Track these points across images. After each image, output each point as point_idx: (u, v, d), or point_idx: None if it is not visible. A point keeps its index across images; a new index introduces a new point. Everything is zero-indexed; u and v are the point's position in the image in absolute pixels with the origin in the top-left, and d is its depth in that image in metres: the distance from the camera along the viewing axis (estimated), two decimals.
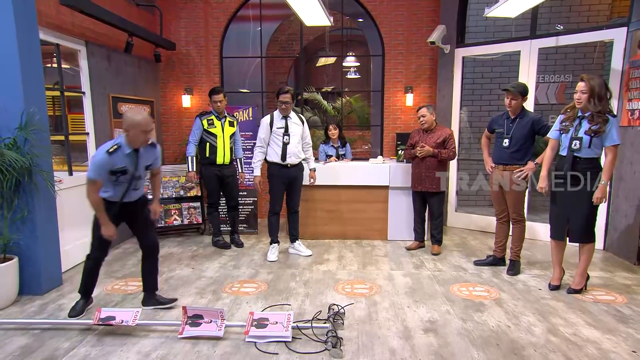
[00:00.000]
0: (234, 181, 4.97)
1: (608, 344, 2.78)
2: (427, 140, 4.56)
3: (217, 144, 4.75)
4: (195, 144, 4.79)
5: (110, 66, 4.94)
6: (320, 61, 10.14)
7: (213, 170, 4.79)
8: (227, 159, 4.82)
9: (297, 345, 2.78)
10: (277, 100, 4.47)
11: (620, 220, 4.52)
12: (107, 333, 2.95)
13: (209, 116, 4.79)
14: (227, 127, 4.84)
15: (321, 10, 4.39)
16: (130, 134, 2.97)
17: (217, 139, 4.76)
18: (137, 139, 3.00)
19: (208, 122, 4.76)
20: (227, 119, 4.86)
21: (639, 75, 4.23)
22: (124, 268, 4.30)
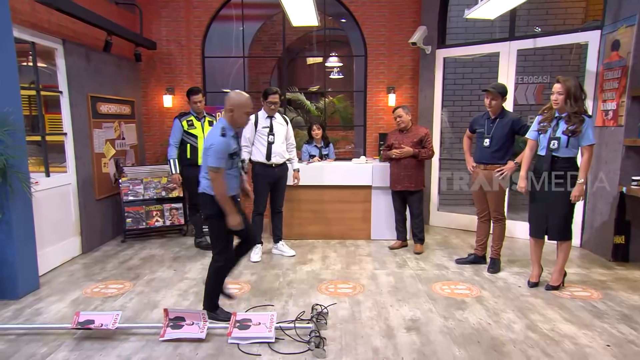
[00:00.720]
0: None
1: (584, 339, 2.85)
2: (404, 140, 4.62)
3: (198, 144, 4.68)
4: (176, 146, 4.72)
5: (88, 65, 4.84)
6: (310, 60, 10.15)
7: (194, 172, 4.71)
8: None
9: (280, 345, 2.78)
10: (264, 101, 4.46)
11: (596, 218, 4.64)
12: (86, 337, 2.89)
13: (188, 117, 4.75)
14: (207, 127, 4.78)
15: (313, 10, 4.39)
16: (235, 114, 2.96)
17: (198, 139, 4.71)
18: (240, 119, 3.01)
19: (188, 123, 4.72)
20: (206, 119, 4.83)
21: (613, 77, 4.35)
22: (104, 271, 4.22)
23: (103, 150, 5.14)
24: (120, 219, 5.29)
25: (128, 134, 5.73)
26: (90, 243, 4.88)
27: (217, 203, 2.93)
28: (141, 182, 5.33)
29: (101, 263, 4.46)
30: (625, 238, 4.24)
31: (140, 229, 5.29)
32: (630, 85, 4.13)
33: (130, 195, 5.26)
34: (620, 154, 4.25)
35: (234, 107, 2.94)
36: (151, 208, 5.33)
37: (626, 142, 4.19)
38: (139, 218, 5.26)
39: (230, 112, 2.95)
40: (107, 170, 5.24)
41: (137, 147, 6.00)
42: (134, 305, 3.41)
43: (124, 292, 3.68)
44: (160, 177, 5.44)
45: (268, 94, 4.41)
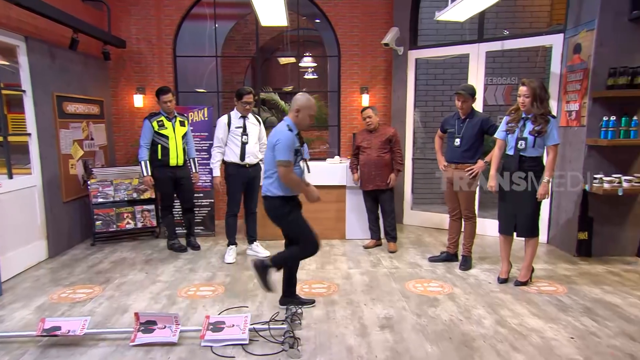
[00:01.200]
0: (189, 183, 4.85)
1: (550, 332, 2.95)
2: (372, 140, 4.69)
3: (170, 145, 4.61)
4: (147, 147, 4.60)
5: (54, 63, 4.69)
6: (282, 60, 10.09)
7: (166, 172, 4.65)
8: (180, 160, 4.70)
9: (255, 347, 2.76)
10: (238, 101, 4.42)
11: (561, 215, 4.80)
12: (52, 344, 2.80)
13: (158, 117, 4.62)
14: (179, 127, 4.70)
15: (283, 10, 4.37)
16: (300, 115, 3.02)
17: (169, 140, 4.62)
18: (304, 121, 3.06)
19: (158, 124, 4.59)
20: (177, 119, 4.72)
21: (575, 79, 4.51)
22: (72, 275, 4.10)
23: (70, 151, 4.98)
24: (89, 222, 5.15)
25: (97, 134, 5.57)
26: (58, 247, 4.72)
27: (283, 201, 3.03)
28: (111, 183, 5.20)
29: (69, 267, 4.33)
30: (588, 234, 4.40)
31: (110, 231, 5.16)
32: (591, 87, 4.29)
33: (100, 197, 5.12)
34: (583, 153, 4.41)
35: (300, 108, 3.01)
36: (122, 210, 5.20)
37: (588, 142, 4.35)
38: (109, 220, 5.13)
39: (297, 113, 3.03)
40: (75, 171, 5.08)
41: (106, 148, 5.84)
42: (104, 310, 3.33)
43: (93, 297, 3.59)
44: (132, 179, 5.31)
45: (242, 94, 4.38)
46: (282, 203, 3.06)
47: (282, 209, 3.08)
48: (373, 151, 4.66)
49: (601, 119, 4.24)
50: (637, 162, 4.42)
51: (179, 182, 4.75)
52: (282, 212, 3.08)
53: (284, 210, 3.07)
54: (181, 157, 4.70)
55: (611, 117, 4.17)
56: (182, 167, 4.76)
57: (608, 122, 4.17)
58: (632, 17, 4.14)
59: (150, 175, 4.66)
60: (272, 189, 3.07)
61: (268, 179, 3.09)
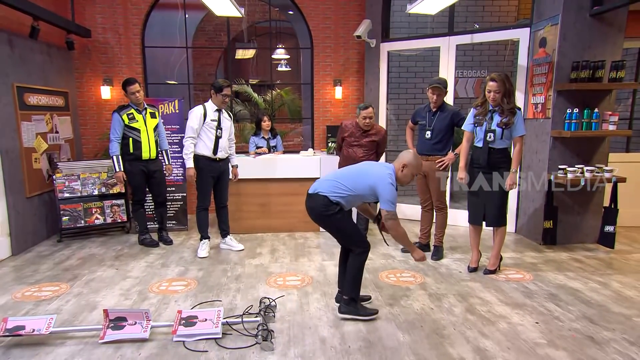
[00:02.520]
0: (161, 176, 4.77)
1: (516, 318, 3.05)
2: (362, 139, 4.40)
3: (142, 138, 4.52)
4: (118, 141, 4.48)
5: (13, 53, 4.48)
6: (238, 53, 9.90)
7: (138, 166, 4.57)
8: (152, 153, 4.62)
9: (228, 341, 2.75)
10: (218, 94, 4.29)
11: (528, 205, 4.96)
12: (15, 344, 2.72)
13: (128, 110, 4.49)
14: (150, 119, 4.60)
15: (229, 2, 4.33)
16: (405, 171, 2.99)
17: (141, 133, 4.52)
18: (407, 178, 3.03)
19: (129, 117, 4.47)
20: (147, 110, 4.61)
21: (541, 72, 4.64)
22: (37, 273, 3.97)
23: (33, 144, 4.80)
24: (55, 218, 4.98)
25: (62, 127, 5.38)
26: (22, 244, 4.56)
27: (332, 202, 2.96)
28: (78, 177, 5.04)
29: (34, 265, 4.19)
30: (553, 223, 4.55)
31: (78, 227, 5.01)
32: (555, 80, 4.43)
33: (66, 192, 4.96)
34: (548, 145, 4.56)
35: (408, 164, 2.98)
36: (90, 205, 5.06)
37: (553, 134, 4.50)
38: (76, 216, 4.97)
39: (403, 168, 2.99)
40: (40, 165, 4.90)
41: (73, 141, 5.65)
42: (71, 308, 3.24)
43: (59, 295, 3.49)
44: (100, 173, 5.17)
45: (222, 87, 4.28)
46: (330, 203, 2.96)
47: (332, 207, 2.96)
48: (359, 150, 4.41)
49: (565, 111, 4.38)
50: (598, 152, 4.61)
51: (152, 175, 4.66)
52: (332, 211, 2.96)
53: (333, 209, 2.96)
54: (154, 150, 4.62)
55: (574, 109, 4.32)
56: (155, 160, 4.67)
57: (572, 115, 4.32)
58: (593, 13, 4.29)
59: (122, 169, 4.55)
60: (333, 196, 2.96)
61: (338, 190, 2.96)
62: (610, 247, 4.42)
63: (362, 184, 2.97)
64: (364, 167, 3.08)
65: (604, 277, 3.81)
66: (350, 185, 2.97)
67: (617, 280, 3.75)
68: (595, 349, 2.65)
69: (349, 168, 3.16)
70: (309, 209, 3.06)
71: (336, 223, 3.02)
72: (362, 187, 2.97)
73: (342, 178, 3.02)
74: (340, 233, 3.10)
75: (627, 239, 4.96)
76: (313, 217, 3.08)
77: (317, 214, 3.02)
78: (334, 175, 3.09)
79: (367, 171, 3.01)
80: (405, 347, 2.68)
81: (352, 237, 3.07)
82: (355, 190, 2.97)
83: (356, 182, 2.98)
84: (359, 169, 3.08)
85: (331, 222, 3.03)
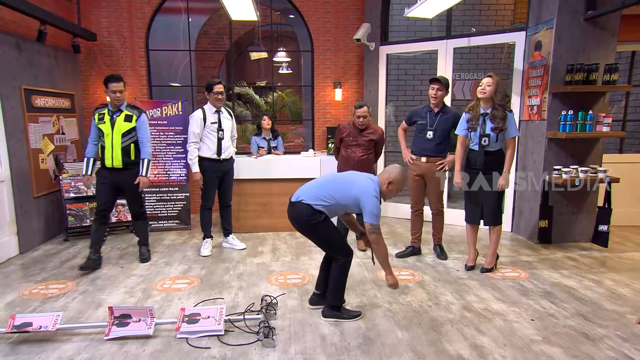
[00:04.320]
0: (132, 187, 4.10)
1: (512, 315, 3.11)
2: (359, 138, 4.39)
3: (106, 143, 4.01)
4: (93, 142, 4.09)
5: (20, 56, 4.58)
6: (253, 55, 10.06)
7: (104, 174, 4.10)
8: (117, 161, 4.01)
9: (230, 338, 2.81)
10: (209, 93, 4.37)
11: (524, 205, 5.03)
12: (22, 341, 2.78)
13: (101, 110, 4.07)
14: (121, 122, 4.02)
15: (250, 4, 4.38)
16: (391, 187, 2.96)
17: (105, 137, 4.01)
18: (392, 194, 3.01)
19: (98, 117, 4.02)
20: (123, 113, 4.04)
21: (536, 74, 4.71)
22: (43, 271, 4.05)
23: (40, 145, 4.89)
24: (61, 217, 5.07)
25: (68, 128, 5.48)
26: (29, 243, 4.64)
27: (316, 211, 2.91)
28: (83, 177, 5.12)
29: (41, 263, 4.27)
30: (548, 222, 4.62)
31: (84, 226, 5.09)
32: (551, 82, 4.50)
33: (72, 192, 5.05)
34: (544, 146, 4.63)
35: (394, 181, 2.95)
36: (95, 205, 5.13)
37: (548, 135, 4.57)
38: (82, 215, 5.06)
39: (389, 185, 2.95)
40: (46, 166, 4.99)
41: (78, 142, 5.75)
42: (77, 305, 3.32)
43: (66, 292, 3.56)
44: None
45: (212, 85, 4.35)
46: (314, 211, 2.94)
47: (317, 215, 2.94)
48: (358, 150, 4.37)
49: (560, 113, 4.45)
50: (592, 153, 4.68)
51: (121, 186, 4.12)
52: (317, 219, 2.94)
53: (319, 217, 2.94)
54: (119, 158, 4.01)
55: (569, 111, 4.39)
56: (123, 170, 4.06)
57: (566, 116, 4.39)
58: (587, 17, 4.36)
59: (91, 174, 4.15)
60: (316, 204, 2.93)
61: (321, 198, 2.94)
62: (604, 246, 4.49)
63: (346, 194, 2.92)
64: (349, 177, 3.04)
65: (597, 275, 3.87)
66: (334, 194, 2.93)
67: (610, 278, 3.82)
68: (589, 345, 2.71)
69: (334, 176, 3.16)
70: (292, 217, 3.02)
71: (320, 232, 2.99)
72: (346, 197, 2.92)
73: (326, 187, 2.98)
74: (324, 242, 3.08)
75: (621, 237, 5.03)
76: (296, 226, 3.04)
77: (301, 223, 2.99)
78: (317, 184, 3.05)
79: (352, 181, 2.97)
80: (403, 343, 2.73)
81: (335, 246, 3.06)
82: (338, 200, 2.93)
83: (340, 192, 2.94)
84: (344, 178, 3.06)
85: (315, 231, 2.99)
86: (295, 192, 3.05)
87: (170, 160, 5.51)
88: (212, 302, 3.36)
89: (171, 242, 5.00)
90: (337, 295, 3.10)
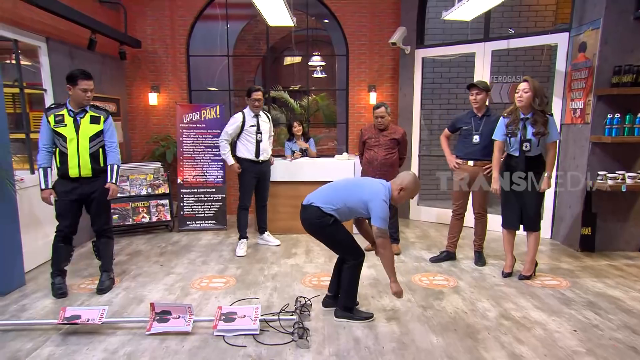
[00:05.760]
0: (100, 199, 3.53)
1: (553, 325, 3.01)
2: (381, 138, 4.43)
3: (68, 149, 3.35)
4: (47, 150, 3.40)
5: (72, 63, 4.84)
6: (287, 60, 10.21)
7: (66, 187, 3.43)
8: (85, 169, 3.43)
9: (265, 337, 2.85)
10: (248, 99, 4.60)
11: (565, 211, 4.86)
12: (72, 332, 2.93)
13: (59, 110, 3.39)
14: (86, 124, 3.42)
15: (286, 11, 4.47)
16: (402, 194, 2.97)
17: (68, 142, 3.35)
18: (402, 200, 3.02)
19: (56, 119, 3.36)
20: (87, 114, 3.45)
21: (580, 77, 4.56)
22: (90, 267, 4.25)
23: None
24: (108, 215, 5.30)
25: None
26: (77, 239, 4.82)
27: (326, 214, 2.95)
28: (127, 178, 5.36)
29: (87, 259, 4.48)
30: (591, 229, 4.45)
31: (126, 225, 5.32)
32: (595, 85, 4.34)
33: None
34: (587, 150, 4.46)
35: (406, 188, 2.95)
36: (138, 204, 5.37)
37: (592, 139, 4.40)
38: (125, 214, 5.30)
39: (400, 190, 2.95)
40: None
41: (123, 145, 6.01)
42: (121, 300, 3.46)
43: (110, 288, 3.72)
44: (146, 174, 5.48)
45: (252, 92, 4.56)
46: (324, 214, 2.97)
47: (327, 217, 2.97)
48: (381, 150, 4.41)
49: (605, 116, 4.28)
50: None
51: (87, 197, 3.50)
52: (328, 222, 2.97)
53: (329, 219, 2.97)
54: (87, 166, 3.43)
55: (616, 114, 4.22)
56: (93, 180, 3.49)
57: (613, 120, 4.22)
58: (637, 16, 4.18)
59: (50, 187, 3.46)
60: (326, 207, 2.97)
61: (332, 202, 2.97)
62: None
63: (356, 197, 2.94)
64: (360, 181, 3.08)
65: None
66: (344, 198, 2.96)
67: None
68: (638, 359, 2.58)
69: (345, 181, 3.17)
70: (303, 220, 3.06)
71: (331, 234, 3.02)
72: (355, 200, 2.94)
73: (337, 191, 3.02)
74: (335, 244, 3.11)
75: None
76: (307, 228, 3.07)
77: (312, 225, 3.03)
78: (328, 188, 3.09)
79: (363, 186, 3.00)
80: (439, 349, 2.69)
81: (346, 248, 3.07)
82: (347, 204, 2.95)
83: (350, 196, 2.96)
84: (355, 182, 3.09)
85: (325, 233, 3.03)
86: (307, 196, 3.11)
87: (208, 162, 5.67)
88: (247, 301, 3.42)
89: (208, 242, 5.13)
90: (349, 296, 3.13)
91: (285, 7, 4.36)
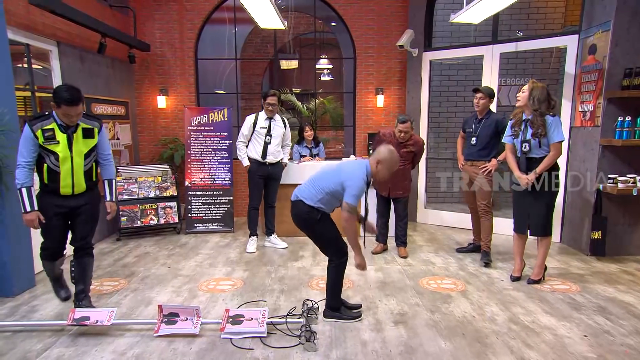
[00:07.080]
0: (89, 212, 3.24)
1: (563, 330, 2.98)
2: (399, 149, 4.22)
3: (61, 167, 3.03)
4: (28, 167, 2.98)
5: (83, 67, 4.91)
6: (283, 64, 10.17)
7: (53, 202, 3.10)
8: (80, 187, 3.14)
9: (272, 340, 2.85)
10: (263, 102, 4.67)
11: (575, 215, 4.81)
12: (81, 333, 2.95)
13: (47, 124, 2.98)
14: (80, 139, 3.07)
15: (275, 14, 4.52)
16: (380, 167, 2.97)
17: (60, 160, 3.02)
18: (382, 174, 3.00)
19: (45, 134, 2.96)
20: (80, 127, 3.07)
21: (590, 79, 4.52)
22: (99, 268, 4.28)
23: None
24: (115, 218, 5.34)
25: (122, 134, 5.79)
26: None
27: (314, 208, 2.98)
28: (136, 181, 5.41)
29: (96, 261, 4.44)
30: (601, 234, 4.38)
31: (135, 227, 5.36)
32: (606, 87, 4.30)
33: (125, 194, 5.33)
34: (597, 153, 4.42)
35: (382, 160, 2.96)
36: (146, 207, 5.41)
37: (602, 142, 4.36)
38: (133, 217, 5.33)
39: (377, 164, 2.97)
40: None
41: (131, 147, 6.06)
42: (129, 302, 3.48)
43: (118, 289, 3.75)
44: (155, 177, 5.52)
45: (267, 96, 4.66)
46: (311, 208, 3.01)
47: (316, 212, 3.01)
48: None
49: (616, 119, 4.24)
50: None
51: (75, 211, 3.18)
52: (316, 217, 3.01)
53: (317, 215, 3.01)
54: (81, 184, 3.13)
55: (626, 117, 4.17)
56: (85, 193, 3.20)
57: (623, 123, 4.18)
58: None
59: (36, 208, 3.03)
60: (311, 200, 2.99)
61: (315, 193, 3.00)
62: None
63: (334, 181, 2.96)
64: (339, 166, 3.08)
65: None
66: (324, 186, 2.99)
67: None
68: None
69: (324, 168, 3.17)
70: (293, 216, 3.09)
71: (318, 230, 3.06)
72: (333, 184, 2.96)
73: (317, 181, 3.05)
74: (321, 240, 3.12)
75: None
76: (297, 224, 3.10)
77: (301, 221, 3.06)
78: (310, 180, 3.11)
79: (341, 169, 3.02)
80: (447, 354, 2.68)
81: (331, 246, 3.09)
82: (326, 189, 2.97)
83: (327, 182, 2.99)
84: (334, 167, 3.08)
85: (314, 230, 3.07)
86: (294, 191, 3.13)
87: (215, 164, 5.70)
88: (254, 304, 3.43)
89: (215, 244, 5.15)
90: (334, 296, 3.16)
91: (274, 11, 4.40)
